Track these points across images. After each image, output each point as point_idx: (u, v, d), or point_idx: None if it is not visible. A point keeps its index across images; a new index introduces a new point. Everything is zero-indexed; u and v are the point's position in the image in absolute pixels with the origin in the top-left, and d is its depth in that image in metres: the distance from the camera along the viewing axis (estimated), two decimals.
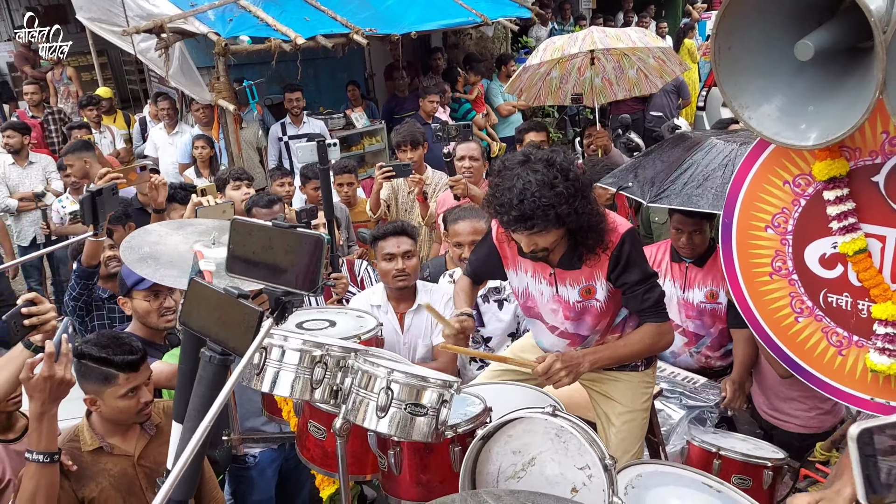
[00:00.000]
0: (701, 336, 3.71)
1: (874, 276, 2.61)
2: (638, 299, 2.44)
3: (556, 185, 2.23)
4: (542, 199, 2.21)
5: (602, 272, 2.51)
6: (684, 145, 3.69)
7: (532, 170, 2.27)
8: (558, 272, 2.57)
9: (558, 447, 2.00)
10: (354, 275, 4.18)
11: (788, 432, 3.58)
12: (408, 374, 1.91)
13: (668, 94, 8.86)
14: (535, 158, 2.31)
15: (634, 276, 2.44)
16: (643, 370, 2.74)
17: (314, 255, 1.46)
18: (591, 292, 2.57)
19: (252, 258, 1.54)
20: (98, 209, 2.72)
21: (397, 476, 2.24)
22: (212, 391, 1.56)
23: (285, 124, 7.47)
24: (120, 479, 2.51)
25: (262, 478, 3.42)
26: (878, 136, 2.54)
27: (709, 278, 3.63)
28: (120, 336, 2.49)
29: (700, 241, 3.60)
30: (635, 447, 2.64)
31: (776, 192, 2.84)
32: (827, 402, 3.21)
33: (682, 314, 3.70)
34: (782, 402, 3.57)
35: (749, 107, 2.59)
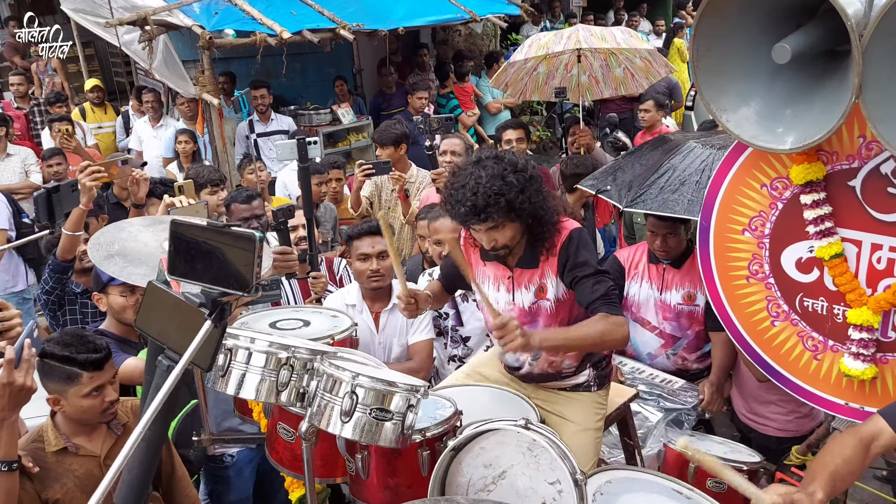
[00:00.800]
0: (678, 338, 3.70)
1: (850, 281, 2.60)
2: (587, 290, 2.41)
3: (507, 176, 2.33)
4: (492, 188, 2.31)
5: (552, 269, 2.53)
6: (664, 148, 3.67)
7: (482, 166, 2.37)
8: (517, 273, 2.58)
9: (530, 461, 1.97)
10: (333, 273, 4.14)
11: (766, 435, 3.58)
12: (373, 379, 1.88)
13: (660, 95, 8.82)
14: (485, 157, 2.41)
15: (583, 270, 2.44)
16: (595, 390, 2.75)
17: (249, 255, 1.43)
18: (544, 291, 2.57)
19: (191, 258, 1.50)
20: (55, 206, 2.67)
21: (365, 480, 2.21)
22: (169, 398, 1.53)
23: (253, 122, 7.39)
24: (86, 481, 2.47)
25: (239, 477, 3.38)
26: (855, 141, 2.52)
27: (686, 280, 3.62)
28: (83, 334, 2.44)
29: (675, 244, 3.59)
30: (588, 465, 2.62)
31: (754, 195, 2.82)
32: (804, 405, 3.21)
33: (659, 316, 3.69)
34: (760, 405, 3.56)
35: (727, 109, 2.57)
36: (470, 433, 2.01)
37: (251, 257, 1.44)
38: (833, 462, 1.89)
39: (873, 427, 1.97)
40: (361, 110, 8.87)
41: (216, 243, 1.48)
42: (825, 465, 1.90)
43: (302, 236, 3.84)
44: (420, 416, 2.26)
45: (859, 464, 1.91)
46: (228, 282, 1.46)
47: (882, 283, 2.56)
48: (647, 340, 3.77)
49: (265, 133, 7.36)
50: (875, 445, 1.95)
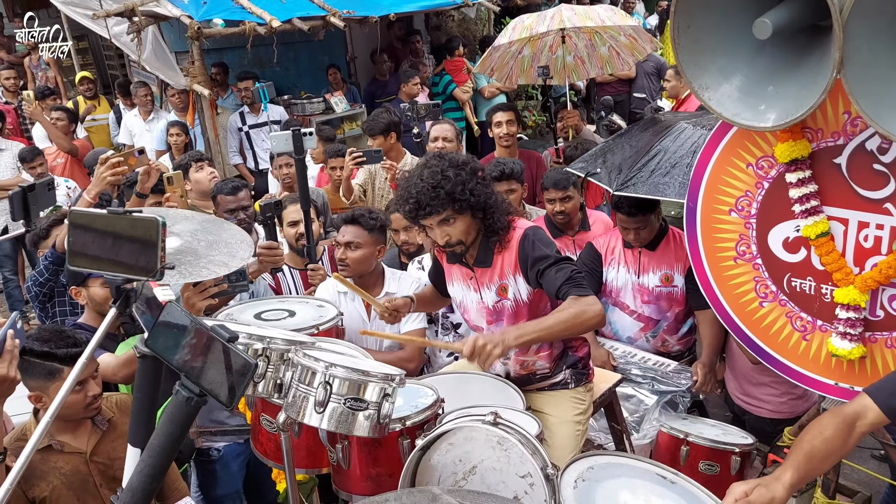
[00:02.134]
0: (657, 321, 3.67)
1: (837, 260, 2.57)
2: (551, 278, 2.43)
3: (446, 171, 2.45)
4: (431, 182, 2.43)
5: (512, 268, 2.58)
6: (654, 129, 3.63)
7: (426, 167, 2.50)
8: (478, 273, 2.66)
9: (500, 455, 1.95)
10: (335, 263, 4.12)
11: (760, 417, 3.56)
12: (347, 369, 1.85)
13: (650, 77, 8.78)
14: (429, 158, 2.55)
15: (544, 262, 2.48)
16: (573, 387, 2.78)
17: (150, 239, 1.41)
18: (506, 290, 2.63)
19: (93, 248, 1.48)
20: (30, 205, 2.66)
21: (346, 470, 2.19)
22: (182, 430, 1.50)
23: (244, 114, 7.34)
24: (72, 478, 2.46)
25: (226, 471, 3.37)
26: (840, 117, 2.48)
27: (663, 262, 3.59)
28: (63, 329, 2.43)
29: (647, 234, 3.57)
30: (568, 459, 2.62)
31: (740, 174, 2.78)
32: (798, 387, 3.19)
33: (638, 300, 3.66)
34: (754, 387, 3.54)
35: (709, 87, 2.53)
36: (437, 431, 1.99)
37: (155, 242, 1.41)
38: (811, 442, 1.86)
39: (858, 406, 1.93)
40: (355, 98, 8.82)
41: (118, 230, 1.45)
42: (802, 445, 1.86)
43: (303, 232, 3.82)
44: (401, 404, 2.25)
45: (840, 443, 1.87)
46: (132, 268, 1.44)
47: (869, 261, 2.53)
48: (626, 324, 3.75)
49: (257, 124, 7.33)
50: (860, 424, 1.90)
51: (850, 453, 3.16)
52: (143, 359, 1.65)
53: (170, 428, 1.45)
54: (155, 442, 1.47)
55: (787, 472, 1.79)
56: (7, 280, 6.70)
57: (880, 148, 2.43)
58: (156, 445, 1.46)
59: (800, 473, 1.81)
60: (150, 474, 1.44)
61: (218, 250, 2.69)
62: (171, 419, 1.45)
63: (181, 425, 1.44)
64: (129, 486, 1.48)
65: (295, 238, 3.88)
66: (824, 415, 1.94)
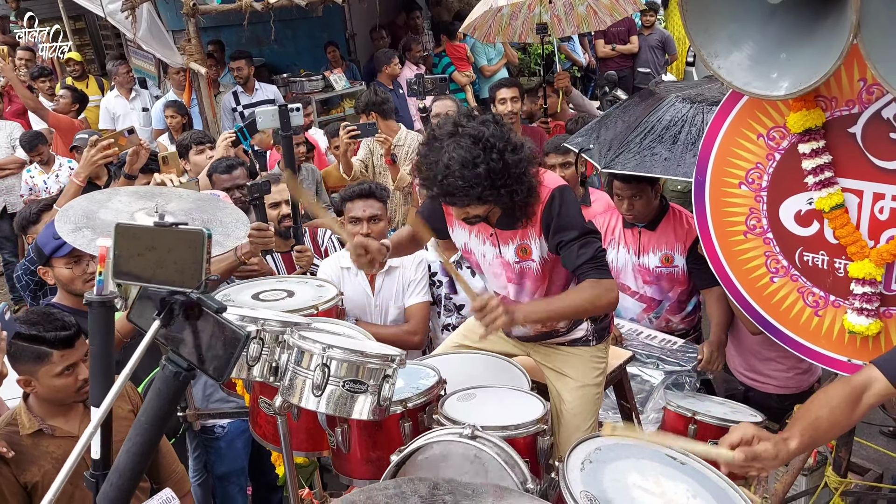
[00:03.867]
0: (659, 301, 3.61)
1: (851, 233, 2.48)
2: (573, 254, 2.29)
3: (478, 165, 2.17)
4: (460, 179, 2.16)
5: (535, 231, 2.40)
6: (648, 102, 3.53)
7: (457, 144, 2.19)
8: (498, 232, 2.47)
9: (478, 468, 1.88)
10: (318, 245, 4.04)
11: (766, 394, 3.50)
12: (345, 350, 1.79)
13: (654, 50, 8.64)
14: (462, 132, 2.23)
15: (568, 233, 2.31)
16: (595, 345, 2.63)
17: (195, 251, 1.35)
18: (527, 252, 2.44)
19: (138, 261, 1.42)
20: None
21: (346, 454, 2.14)
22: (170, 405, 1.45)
23: (237, 93, 7.22)
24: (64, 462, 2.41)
25: (230, 449, 3.34)
26: (855, 85, 2.39)
27: (663, 242, 3.51)
28: (51, 312, 2.36)
29: (642, 206, 3.47)
30: (588, 423, 2.54)
31: (750, 146, 2.70)
32: (804, 361, 3.12)
33: (639, 280, 3.59)
34: (760, 362, 3.48)
35: (719, 55, 2.44)
36: (412, 447, 1.92)
37: (199, 253, 1.35)
38: (817, 412, 1.81)
39: (865, 377, 1.87)
40: (355, 76, 8.70)
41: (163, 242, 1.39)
42: (808, 413, 1.81)
43: (286, 213, 3.72)
44: (402, 386, 2.19)
45: (846, 414, 1.82)
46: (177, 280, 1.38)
47: (885, 234, 2.45)
48: (628, 306, 3.68)
49: (251, 104, 7.20)
50: (868, 395, 1.85)
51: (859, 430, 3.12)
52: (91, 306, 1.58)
53: (157, 403, 1.39)
54: (143, 418, 1.41)
55: (795, 440, 1.74)
56: (7, 263, 6.66)
57: None
58: (143, 422, 1.40)
59: (804, 442, 1.77)
60: (138, 452, 1.38)
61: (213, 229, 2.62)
62: (158, 395, 1.39)
63: (169, 400, 1.39)
64: (116, 465, 1.42)
65: (277, 220, 3.74)
66: (831, 385, 1.89)
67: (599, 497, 1.78)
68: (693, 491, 1.90)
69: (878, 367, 1.87)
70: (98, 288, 1.57)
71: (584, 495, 1.76)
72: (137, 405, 2.63)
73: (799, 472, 2.86)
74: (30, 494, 2.37)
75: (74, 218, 2.44)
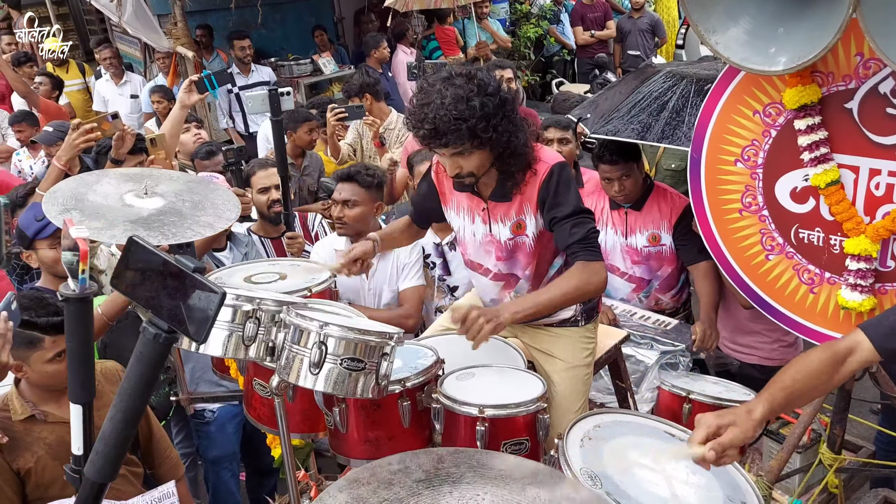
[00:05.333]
0: (648, 280, 3.60)
1: (847, 209, 2.48)
2: (565, 233, 2.26)
3: (472, 99, 2.12)
4: (453, 112, 2.11)
5: (531, 205, 2.36)
6: (642, 77, 3.52)
7: (450, 84, 2.16)
8: (491, 206, 2.43)
9: None
10: (308, 230, 4.01)
11: (750, 364, 3.52)
12: (343, 328, 1.77)
13: (644, 34, 8.62)
14: (455, 74, 2.21)
15: (563, 210, 2.28)
16: (583, 325, 2.61)
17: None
18: (522, 227, 2.41)
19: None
20: None
21: (344, 434, 2.12)
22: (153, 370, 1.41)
23: (234, 74, 7.16)
24: (58, 448, 2.38)
25: (221, 433, 3.32)
26: (852, 59, 2.38)
27: (649, 221, 3.50)
28: (44, 297, 2.32)
29: (631, 185, 3.45)
30: (578, 404, 2.52)
31: (746, 123, 2.68)
32: (789, 334, 3.13)
33: (628, 261, 3.59)
34: (746, 335, 3.50)
35: (716, 31, 2.42)
36: None
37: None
38: (793, 376, 1.76)
39: (851, 341, 1.82)
40: (344, 60, 8.64)
41: None
42: (783, 377, 1.77)
43: (275, 199, 3.67)
44: (400, 365, 2.17)
45: (825, 378, 1.78)
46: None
47: (881, 209, 2.44)
48: (618, 287, 3.68)
49: (247, 85, 7.14)
50: (851, 361, 1.80)
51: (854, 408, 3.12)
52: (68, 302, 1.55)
53: (139, 369, 1.35)
54: (125, 385, 1.38)
55: (759, 407, 1.71)
56: None
57: (894, 91, 2.33)
58: (126, 388, 1.36)
59: (772, 407, 1.72)
60: (122, 419, 1.34)
61: (204, 211, 2.59)
62: (140, 359, 1.35)
63: (152, 365, 1.35)
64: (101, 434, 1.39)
65: (266, 205, 3.70)
66: (815, 348, 1.84)
67: (600, 474, 1.78)
68: (692, 467, 1.90)
69: (865, 332, 1.81)
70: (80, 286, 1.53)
71: (585, 472, 1.76)
72: None
73: (793, 450, 2.87)
74: (23, 481, 2.34)
75: (63, 199, 2.40)
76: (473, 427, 1.99)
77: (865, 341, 1.79)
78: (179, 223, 2.39)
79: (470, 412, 2.00)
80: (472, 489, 1.44)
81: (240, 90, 7.13)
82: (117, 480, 2.50)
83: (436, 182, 2.59)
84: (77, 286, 1.54)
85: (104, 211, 2.34)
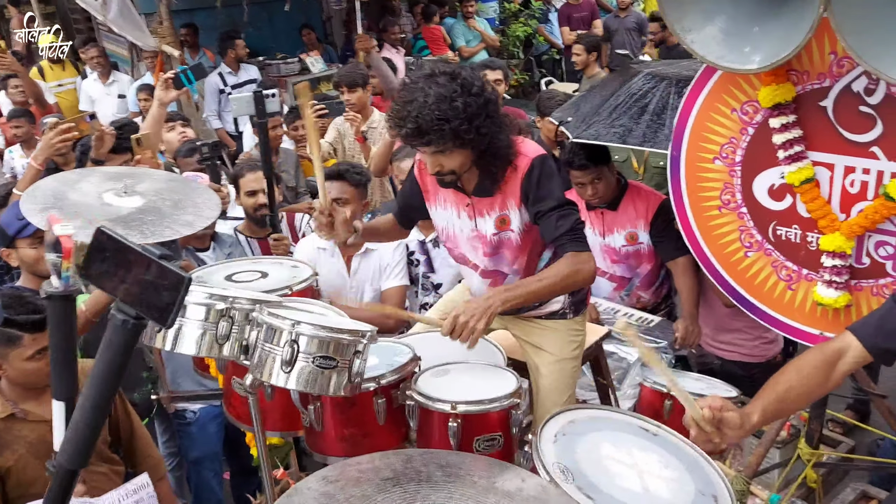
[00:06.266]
0: (629, 279, 3.63)
1: (822, 207, 2.50)
2: (551, 226, 2.27)
3: (455, 100, 2.12)
4: (436, 112, 2.11)
5: (515, 200, 2.36)
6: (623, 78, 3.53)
7: (434, 83, 2.16)
8: (475, 201, 2.43)
9: None
10: (295, 230, 4.01)
11: (731, 361, 3.55)
12: (315, 326, 1.77)
13: (631, 32, 8.63)
14: (438, 72, 2.21)
15: (547, 203, 2.28)
16: (571, 318, 2.62)
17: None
18: (506, 223, 2.41)
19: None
20: None
21: (320, 432, 2.12)
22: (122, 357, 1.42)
23: (223, 74, 7.13)
24: (39, 446, 2.38)
25: (203, 433, 3.31)
26: (826, 58, 2.39)
27: (626, 220, 3.52)
28: (23, 295, 2.32)
29: (604, 188, 3.46)
30: (564, 397, 2.54)
31: (724, 121, 2.70)
32: (770, 331, 3.16)
33: (608, 261, 3.61)
34: (727, 332, 3.53)
35: (692, 29, 2.44)
36: None
37: None
38: (788, 381, 1.78)
39: (840, 343, 1.83)
40: (332, 59, 8.62)
41: None
42: (777, 384, 1.79)
43: (262, 203, 3.66)
44: (376, 363, 2.18)
45: (819, 382, 1.79)
46: None
47: (855, 207, 2.46)
48: (600, 286, 3.69)
49: (238, 84, 7.12)
50: (842, 363, 1.81)
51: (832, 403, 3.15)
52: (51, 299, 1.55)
53: (108, 355, 1.36)
54: (95, 371, 1.38)
55: (755, 414, 1.73)
56: None
57: (867, 89, 2.35)
58: (96, 374, 1.37)
59: (766, 416, 1.75)
60: (92, 406, 1.35)
61: (184, 210, 2.59)
62: (108, 345, 1.36)
63: (121, 352, 1.36)
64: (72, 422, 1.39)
65: (253, 208, 3.69)
66: (804, 353, 1.86)
67: (572, 468, 1.79)
68: (665, 462, 1.91)
69: (854, 333, 1.83)
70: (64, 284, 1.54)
71: (557, 466, 1.77)
72: None
73: (772, 445, 2.90)
74: (3, 479, 2.34)
75: (42, 198, 2.40)
76: (446, 423, 2.00)
77: (854, 341, 1.81)
78: (159, 222, 2.39)
79: (443, 408, 2.01)
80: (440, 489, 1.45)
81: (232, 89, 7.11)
82: (98, 479, 2.52)
83: (419, 180, 2.59)
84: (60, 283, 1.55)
85: (83, 210, 2.33)
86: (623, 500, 1.73)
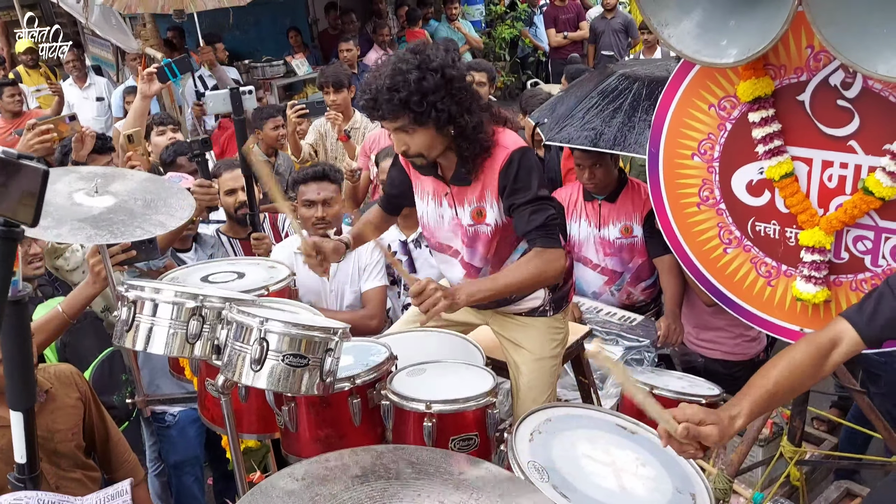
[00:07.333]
0: (620, 273, 3.61)
1: (801, 202, 2.49)
2: (524, 219, 2.24)
3: (409, 72, 2.10)
4: (388, 83, 2.11)
5: (493, 192, 2.33)
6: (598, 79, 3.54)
7: (398, 58, 2.16)
8: (455, 190, 2.40)
9: None
10: (278, 231, 3.97)
11: (714, 359, 3.54)
12: (284, 323, 1.74)
13: (617, 34, 8.65)
14: (408, 50, 2.20)
15: (523, 196, 2.25)
16: (552, 315, 2.60)
17: None
18: (482, 215, 2.38)
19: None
20: None
21: (295, 433, 2.09)
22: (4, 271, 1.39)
23: (203, 77, 7.10)
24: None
25: (182, 437, 3.26)
26: (803, 52, 2.38)
27: (622, 213, 3.52)
28: None
29: (603, 175, 3.47)
30: (544, 396, 2.51)
31: (702, 116, 2.69)
32: (752, 329, 3.15)
33: (601, 253, 3.60)
34: (710, 331, 3.52)
35: (669, 24, 2.42)
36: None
37: None
38: (777, 377, 1.69)
39: (833, 332, 1.74)
40: (318, 61, 8.61)
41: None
42: (765, 379, 1.70)
43: (242, 200, 3.63)
44: (351, 362, 2.15)
45: (810, 374, 1.71)
46: None
47: (834, 201, 2.45)
48: (590, 279, 3.69)
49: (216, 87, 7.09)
50: (836, 352, 1.73)
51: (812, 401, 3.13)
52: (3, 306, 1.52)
53: None
54: None
55: (740, 420, 1.64)
56: None
57: (844, 83, 2.34)
58: None
59: (753, 415, 1.67)
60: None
61: (156, 210, 2.56)
62: None
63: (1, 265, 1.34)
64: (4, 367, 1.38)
65: (234, 207, 3.66)
66: (799, 342, 1.78)
67: (547, 467, 1.77)
68: (642, 459, 1.90)
69: (848, 320, 1.74)
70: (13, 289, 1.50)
71: (532, 465, 1.75)
72: (86, 392, 2.55)
73: (754, 443, 2.87)
74: None
75: None
76: (421, 423, 1.97)
77: (849, 329, 1.74)
78: (129, 222, 2.35)
79: (417, 408, 1.98)
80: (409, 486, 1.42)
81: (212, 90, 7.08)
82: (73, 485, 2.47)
83: (404, 165, 2.57)
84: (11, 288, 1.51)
85: (51, 209, 2.30)
86: (599, 498, 1.71)
